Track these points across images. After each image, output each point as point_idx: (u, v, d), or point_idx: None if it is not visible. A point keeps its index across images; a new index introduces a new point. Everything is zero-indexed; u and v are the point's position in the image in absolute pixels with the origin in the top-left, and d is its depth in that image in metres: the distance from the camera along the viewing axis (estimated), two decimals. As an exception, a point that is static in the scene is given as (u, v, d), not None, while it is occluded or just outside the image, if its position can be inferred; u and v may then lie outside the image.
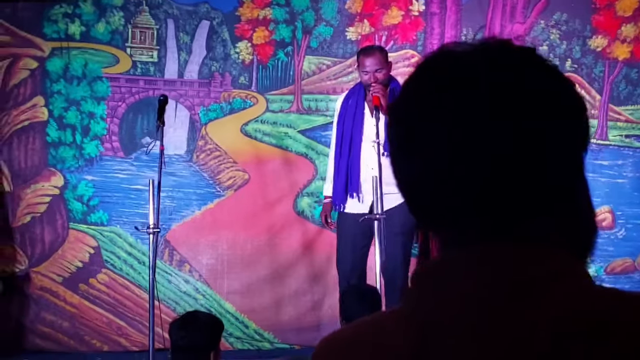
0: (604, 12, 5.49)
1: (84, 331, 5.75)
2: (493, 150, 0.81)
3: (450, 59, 0.85)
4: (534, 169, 0.81)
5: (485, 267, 0.82)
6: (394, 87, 4.79)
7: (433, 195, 0.85)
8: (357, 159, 4.77)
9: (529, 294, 0.79)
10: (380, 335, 0.85)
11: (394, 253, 4.79)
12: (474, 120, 0.81)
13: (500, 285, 0.80)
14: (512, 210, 0.82)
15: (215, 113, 5.77)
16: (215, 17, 5.75)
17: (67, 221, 5.81)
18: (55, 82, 5.78)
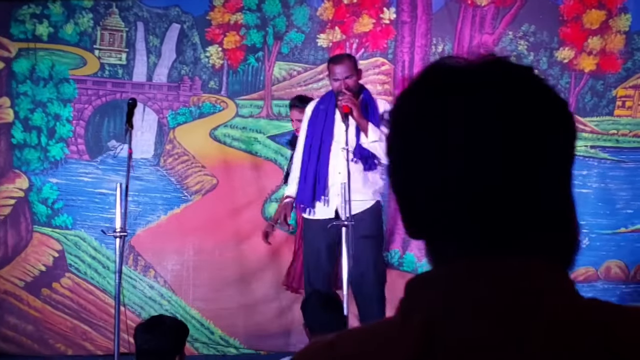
0: (571, 24, 5.62)
1: (48, 335, 5.72)
2: (485, 164, 0.83)
3: (448, 72, 0.87)
4: (527, 184, 0.83)
5: (478, 280, 0.83)
6: (365, 96, 4.83)
7: (427, 206, 0.86)
8: (325, 164, 4.80)
9: (523, 307, 0.81)
10: (382, 347, 0.85)
11: (361, 257, 4.83)
12: (468, 133, 0.83)
13: (494, 298, 0.82)
14: (504, 224, 0.84)
15: (184, 117, 5.79)
16: (186, 20, 5.77)
17: (31, 224, 5.78)
18: (21, 83, 5.75)
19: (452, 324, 0.82)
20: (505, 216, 0.84)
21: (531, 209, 0.84)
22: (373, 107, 4.80)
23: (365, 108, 4.78)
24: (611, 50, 5.61)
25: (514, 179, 0.83)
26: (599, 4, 5.59)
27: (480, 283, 0.83)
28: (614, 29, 5.59)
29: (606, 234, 5.67)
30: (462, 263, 0.85)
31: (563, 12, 5.62)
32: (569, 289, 0.85)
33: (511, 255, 0.84)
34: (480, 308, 0.82)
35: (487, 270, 0.83)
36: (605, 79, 5.65)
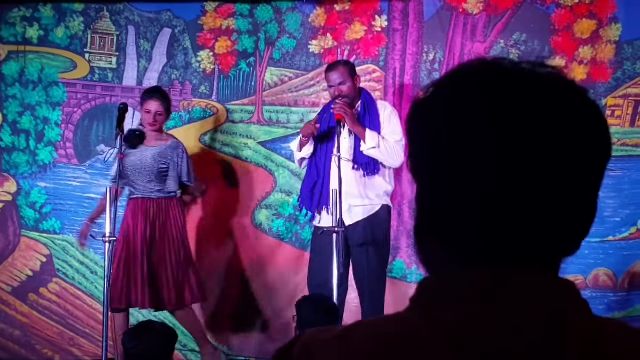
0: (563, 33, 5.70)
1: (35, 340, 5.75)
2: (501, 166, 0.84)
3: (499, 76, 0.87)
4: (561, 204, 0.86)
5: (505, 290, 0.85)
6: (365, 100, 4.91)
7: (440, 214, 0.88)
8: (327, 172, 4.88)
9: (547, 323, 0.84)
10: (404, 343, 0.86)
11: (361, 265, 4.90)
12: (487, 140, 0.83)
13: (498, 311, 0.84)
14: (514, 236, 0.85)
15: (174, 122, 5.82)
16: (178, 25, 5.81)
17: (19, 228, 5.81)
18: (10, 86, 5.78)
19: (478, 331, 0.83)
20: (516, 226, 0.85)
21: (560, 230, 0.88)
22: (373, 111, 4.87)
23: (365, 112, 4.85)
24: (601, 59, 5.70)
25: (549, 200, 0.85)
26: (590, 14, 5.67)
27: (505, 293, 0.85)
28: (605, 39, 5.68)
29: (594, 242, 5.75)
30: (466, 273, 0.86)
31: (554, 22, 5.71)
32: (587, 306, 0.89)
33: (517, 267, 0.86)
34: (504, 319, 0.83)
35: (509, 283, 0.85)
36: (596, 88, 5.73)
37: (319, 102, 5.80)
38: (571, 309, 0.87)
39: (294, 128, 5.81)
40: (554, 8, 5.70)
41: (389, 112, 4.93)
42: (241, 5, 5.79)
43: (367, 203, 4.88)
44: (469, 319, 0.84)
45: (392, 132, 4.88)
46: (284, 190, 5.82)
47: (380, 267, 5.00)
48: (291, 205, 5.81)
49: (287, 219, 5.82)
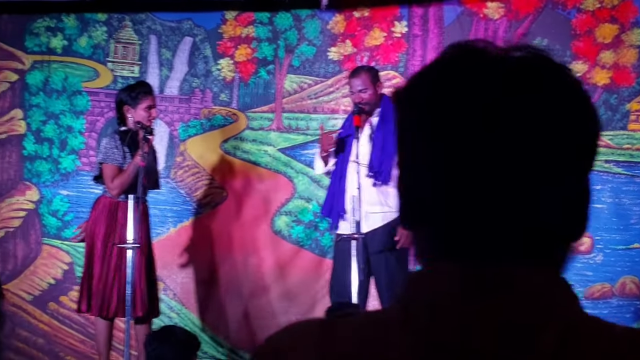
0: (584, 38, 5.78)
1: (59, 348, 5.89)
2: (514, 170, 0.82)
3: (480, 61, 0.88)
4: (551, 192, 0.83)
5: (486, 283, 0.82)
6: (384, 108, 4.98)
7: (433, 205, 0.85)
8: (344, 180, 4.97)
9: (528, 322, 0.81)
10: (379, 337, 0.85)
11: (380, 272, 4.96)
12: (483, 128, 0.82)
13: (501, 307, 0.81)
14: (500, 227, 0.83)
15: (194, 129, 5.99)
16: (198, 33, 6.00)
17: (41, 236, 5.99)
18: (34, 95, 5.99)
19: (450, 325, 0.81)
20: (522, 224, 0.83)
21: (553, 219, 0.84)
22: (390, 119, 4.94)
23: (382, 120, 4.93)
24: (624, 64, 5.76)
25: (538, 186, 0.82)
26: (612, 18, 5.75)
27: (488, 287, 0.81)
28: (627, 43, 5.75)
29: (620, 249, 5.77)
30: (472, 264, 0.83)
31: (575, 26, 5.79)
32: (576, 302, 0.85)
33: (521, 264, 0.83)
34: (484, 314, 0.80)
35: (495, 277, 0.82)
36: (619, 93, 5.79)
37: (338, 109, 5.94)
38: (556, 306, 0.82)
39: (313, 135, 5.93)
40: (575, 13, 5.79)
41: None
42: (261, 13, 5.97)
43: (385, 210, 4.95)
44: (438, 315, 0.81)
45: None
46: (304, 197, 5.94)
47: (400, 275, 5.04)
48: (310, 211, 5.92)
49: (306, 225, 5.93)
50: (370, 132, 4.99)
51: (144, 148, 4.81)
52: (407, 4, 5.90)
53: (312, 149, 5.93)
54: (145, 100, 4.94)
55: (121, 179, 4.87)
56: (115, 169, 4.90)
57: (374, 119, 5.00)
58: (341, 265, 4.99)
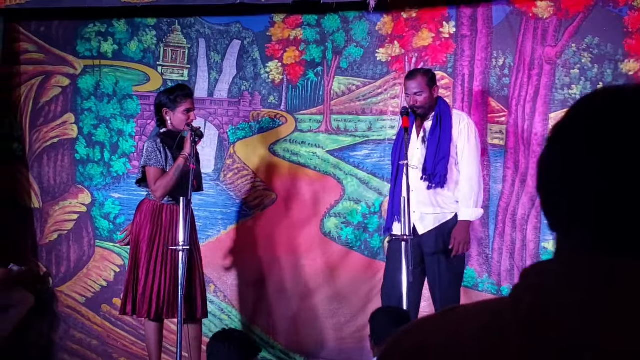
0: (636, 36, 5.75)
1: (112, 349, 6.02)
2: None
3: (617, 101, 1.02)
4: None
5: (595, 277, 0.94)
6: (439, 111, 5.03)
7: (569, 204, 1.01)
8: (400, 182, 5.01)
9: None
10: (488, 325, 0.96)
11: (433, 274, 5.01)
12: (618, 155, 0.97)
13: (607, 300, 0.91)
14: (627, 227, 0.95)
15: (244, 132, 6.07)
16: (247, 36, 6.08)
17: (93, 239, 6.11)
18: (86, 99, 6.13)
19: (559, 315, 0.91)
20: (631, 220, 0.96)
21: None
22: (446, 124, 4.97)
23: (437, 124, 4.96)
24: (677, 62, 5.71)
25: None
26: (664, 15, 5.71)
27: (597, 280, 0.93)
28: (680, 40, 5.70)
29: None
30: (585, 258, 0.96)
31: (627, 24, 5.76)
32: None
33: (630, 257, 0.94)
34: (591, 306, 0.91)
35: (606, 270, 0.93)
36: (672, 91, 5.74)
37: (386, 110, 5.99)
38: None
39: (361, 137, 6.00)
40: (627, 10, 5.76)
41: (464, 125, 5.03)
42: (309, 15, 6.04)
43: (438, 211, 5.00)
44: (549, 302, 0.93)
45: (466, 147, 4.98)
46: (353, 199, 6.00)
47: (453, 277, 5.08)
48: (360, 213, 5.99)
49: (355, 227, 5.99)
50: (424, 135, 5.03)
51: (193, 150, 4.88)
52: (455, 5, 5.93)
53: (360, 150, 6.01)
54: (184, 103, 5.01)
55: (164, 181, 4.95)
56: (158, 171, 4.98)
57: (428, 123, 5.04)
58: (392, 266, 5.06)
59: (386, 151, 5.99)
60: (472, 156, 4.96)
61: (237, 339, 3.71)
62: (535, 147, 5.83)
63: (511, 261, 5.90)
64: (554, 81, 5.87)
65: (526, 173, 5.85)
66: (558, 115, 5.85)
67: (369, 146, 6.03)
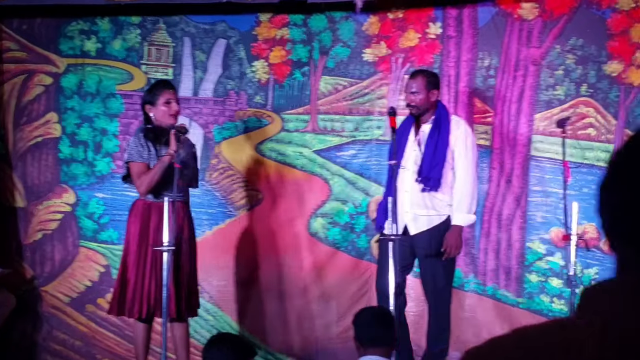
0: (619, 38, 5.85)
1: (96, 350, 6.00)
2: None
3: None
4: None
5: None
6: (438, 115, 5.08)
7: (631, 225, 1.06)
8: (395, 184, 5.05)
9: None
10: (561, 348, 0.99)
11: (426, 275, 5.07)
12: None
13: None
14: None
15: (229, 132, 6.08)
16: (232, 35, 6.08)
17: (77, 239, 6.10)
18: (69, 98, 6.09)
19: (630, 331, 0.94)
20: None
21: None
22: (444, 128, 5.01)
23: (435, 128, 5.00)
24: (660, 63, 5.83)
25: None
26: (647, 18, 5.81)
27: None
28: (663, 43, 5.82)
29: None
30: None
31: (610, 26, 5.86)
32: None
33: None
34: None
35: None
36: (655, 92, 5.86)
37: (373, 111, 6.03)
38: None
39: (348, 137, 6.04)
40: (609, 12, 5.86)
41: (461, 131, 5.08)
42: (295, 15, 6.05)
43: (431, 214, 5.05)
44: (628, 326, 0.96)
45: (463, 154, 5.03)
46: (339, 199, 6.04)
47: (446, 278, 5.14)
48: (346, 213, 6.03)
49: (342, 227, 6.04)
50: (420, 138, 5.07)
51: (174, 146, 4.82)
52: (441, 6, 5.99)
53: (347, 150, 6.04)
54: (163, 95, 4.97)
55: (148, 177, 4.91)
56: (141, 166, 4.95)
57: (426, 126, 5.08)
58: (381, 264, 5.11)
59: (373, 151, 6.04)
60: (468, 162, 5.02)
61: (232, 342, 3.72)
62: (520, 148, 5.91)
63: (497, 261, 5.99)
64: (539, 82, 5.95)
65: (511, 173, 5.93)
66: (543, 115, 5.94)
67: (356, 146, 6.07)
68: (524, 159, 5.95)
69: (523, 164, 5.95)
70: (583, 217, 5.76)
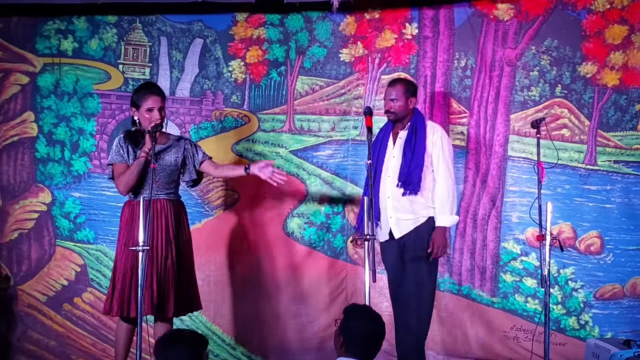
0: (594, 39, 5.90)
1: (70, 350, 6.01)
2: None
3: None
4: None
5: None
6: (414, 121, 5.14)
7: None
8: (377, 190, 5.10)
9: None
10: None
11: (410, 278, 5.09)
12: None
13: None
14: None
15: (206, 131, 6.09)
16: (209, 35, 6.09)
17: (54, 238, 6.10)
18: (45, 97, 6.08)
19: None
20: None
21: None
22: (420, 134, 5.07)
23: (412, 133, 5.06)
24: (633, 65, 5.90)
25: None
26: (621, 19, 5.88)
27: None
28: (637, 44, 5.89)
29: (631, 249, 5.91)
30: None
31: (585, 27, 5.92)
32: None
33: None
34: None
35: None
36: (629, 93, 5.92)
37: (350, 111, 6.06)
38: None
39: (325, 136, 6.07)
40: (585, 14, 5.92)
41: (437, 136, 5.15)
42: (272, 15, 6.07)
43: (412, 217, 5.10)
44: None
45: (441, 158, 5.09)
46: (316, 199, 6.07)
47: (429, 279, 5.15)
48: (323, 213, 6.06)
49: (318, 227, 6.07)
50: (400, 144, 5.11)
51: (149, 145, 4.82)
52: (417, 6, 6.03)
53: (324, 150, 6.07)
54: (146, 101, 4.97)
55: (124, 177, 4.94)
56: (121, 166, 4.98)
57: (403, 132, 5.14)
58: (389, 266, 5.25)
59: (349, 151, 6.08)
60: (446, 166, 5.10)
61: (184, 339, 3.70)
62: (497, 148, 5.95)
63: (472, 261, 6.03)
64: (514, 83, 6.00)
65: (487, 174, 5.98)
66: (518, 116, 5.99)
67: (332, 146, 6.11)
68: (501, 159, 6.00)
69: (500, 164, 6.00)
70: (558, 217, 5.83)
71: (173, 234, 5.01)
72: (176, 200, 5.10)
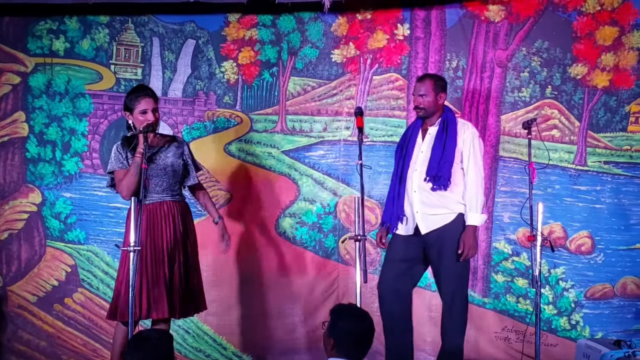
0: (585, 40, 5.97)
1: (61, 351, 6.02)
2: None
3: None
4: None
5: None
6: (445, 117, 5.12)
7: None
8: (404, 185, 5.08)
9: None
10: None
11: (439, 277, 5.07)
12: None
13: None
14: None
15: (198, 132, 6.12)
16: (201, 36, 6.12)
17: (44, 239, 6.10)
18: (37, 97, 6.10)
19: None
20: None
21: None
22: (452, 130, 5.06)
23: (443, 130, 5.04)
24: (624, 66, 5.95)
25: None
26: (612, 21, 5.94)
27: None
28: (627, 46, 5.95)
29: (621, 249, 5.96)
30: None
31: (576, 29, 5.98)
32: None
33: None
34: None
35: None
36: (619, 95, 5.99)
37: (342, 111, 6.10)
38: None
39: (317, 137, 6.11)
40: (575, 15, 5.98)
41: (469, 134, 5.11)
42: (264, 15, 6.12)
43: (442, 212, 5.05)
44: None
45: (472, 155, 5.05)
46: (308, 199, 6.11)
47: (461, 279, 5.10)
48: (315, 213, 6.10)
49: (310, 227, 6.10)
50: (430, 140, 5.08)
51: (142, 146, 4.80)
52: (409, 7, 6.08)
53: (316, 151, 6.11)
54: (139, 104, 4.92)
55: (125, 181, 4.93)
56: (122, 172, 4.96)
57: (434, 128, 5.10)
58: (390, 265, 5.15)
59: (341, 152, 6.12)
60: (477, 164, 5.05)
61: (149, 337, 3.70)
62: (488, 148, 6.00)
63: (463, 261, 6.06)
64: (505, 84, 6.05)
65: (478, 174, 6.02)
66: (508, 117, 6.04)
67: (324, 147, 6.15)
68: (492, 160, 6.05)
69: (491, 165, 6.05)
70: (549, 217, 5.88)
71: (181, 235, 5.03)
72: (182, 201, 5.11)
